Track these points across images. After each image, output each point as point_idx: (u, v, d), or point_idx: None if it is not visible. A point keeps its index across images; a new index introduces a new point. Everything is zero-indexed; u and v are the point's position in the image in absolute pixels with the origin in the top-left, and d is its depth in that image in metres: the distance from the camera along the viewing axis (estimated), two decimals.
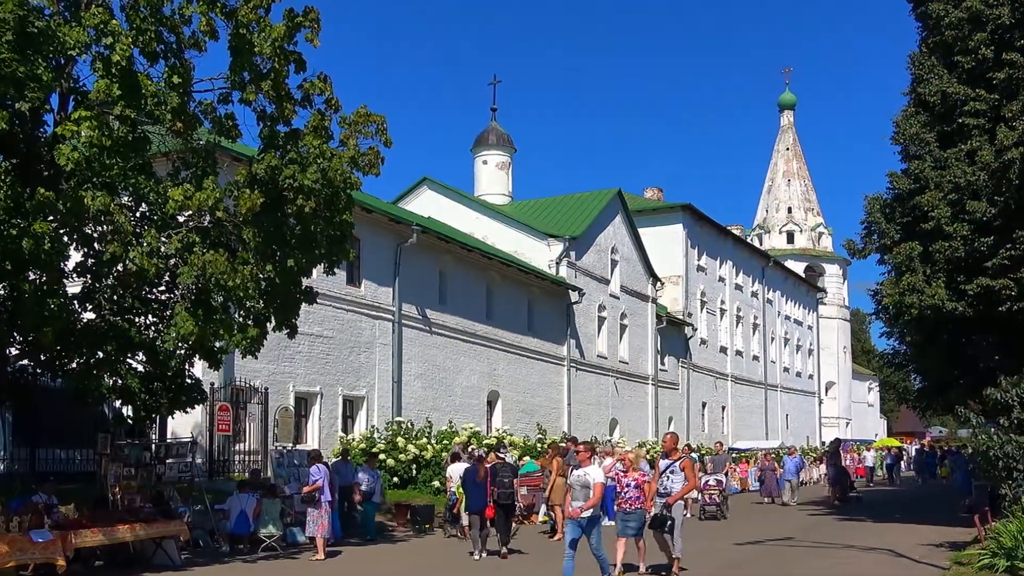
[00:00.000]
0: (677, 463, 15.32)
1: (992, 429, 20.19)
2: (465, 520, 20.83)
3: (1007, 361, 25.63)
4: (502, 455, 24.14)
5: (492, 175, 47.89)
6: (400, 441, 27.41)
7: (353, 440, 27.49)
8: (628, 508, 14.84)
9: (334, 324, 28.18)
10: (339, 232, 17.06)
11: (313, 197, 15.95)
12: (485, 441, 30.26)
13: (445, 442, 28.96)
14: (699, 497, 28.89)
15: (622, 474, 15.05)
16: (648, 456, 30.12)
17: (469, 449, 25.20)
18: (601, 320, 43.98)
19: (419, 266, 31.91)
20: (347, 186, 16.51)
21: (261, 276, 16.04)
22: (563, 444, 26.39)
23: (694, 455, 30.89)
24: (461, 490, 20.58)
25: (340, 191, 16.40)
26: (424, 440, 28.28)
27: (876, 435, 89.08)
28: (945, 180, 26.27)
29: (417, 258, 31.70)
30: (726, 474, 31.07)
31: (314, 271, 18.32)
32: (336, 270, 19.65)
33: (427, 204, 43.10)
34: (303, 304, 17.79)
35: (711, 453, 32.82)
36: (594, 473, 14.16)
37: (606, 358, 44.19)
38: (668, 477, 15.28)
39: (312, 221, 16.34)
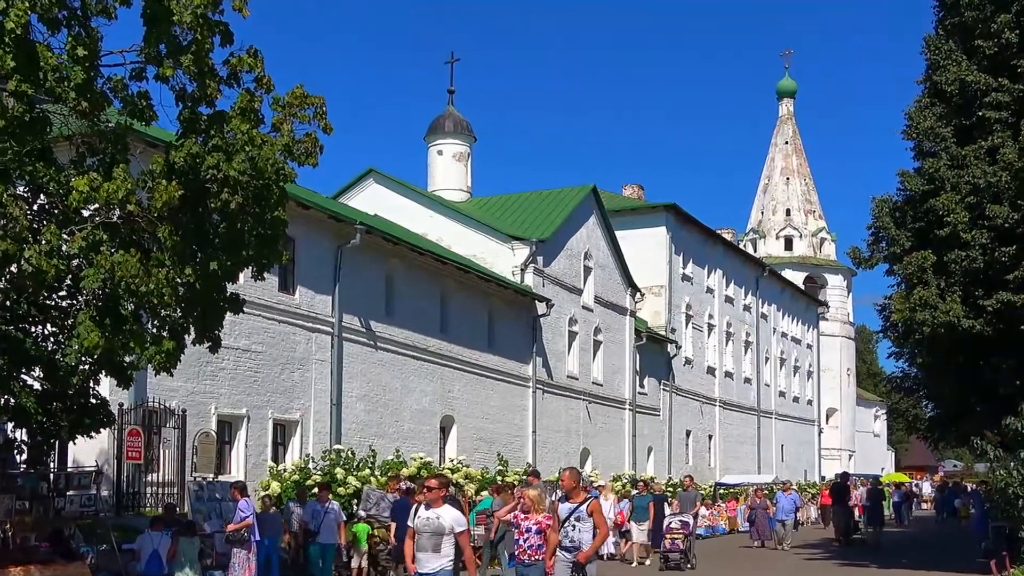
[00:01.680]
0: (583, 507, 13.84)
1: (1012, 463, 20.40)
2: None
3: None
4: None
5: (448, 167, 47.87)
6: (339, 472, 27.22)
7: (284, 471, 27.28)
8: (528, 559, 13.63)
9: (264, 337, 28.00)
10: (270, 231, 16.87)
11: (240, 190, 15.76)
12: (436, 471, 30.11)
13: (391, 473, 28.82)
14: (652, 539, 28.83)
15: (522, 517, 13.90)
16: (616, 491, 30.26)
17: (404, 484, 25.05)
18: (572, 335, 44.02)
19: (363, 271, 31.78)
20: (280, 178, 16.35)
21: (179, 281, 15.85)
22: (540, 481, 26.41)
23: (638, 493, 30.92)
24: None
25: (272, 183, 16.24)
26: (367, 471, 28.12)
27: (883, 469, 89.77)
28: (963, 181, 26.55)
29: (361, 262, 31.58)
30: (695, 515, 31.08)
31: (241, 276, 18.14)
32: (267, 275, 19.48)
33: (373, 200, 42.99)
34: (228, 314, 17.57)
35: (676, 490, 32.80)
36: (449, 517, 12.01)
37: (577, 379, 44.23)
38: (573, 526, 13.79)
39: (239, 218, 16.15)
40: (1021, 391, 26.19)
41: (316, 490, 24.14)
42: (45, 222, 15.76)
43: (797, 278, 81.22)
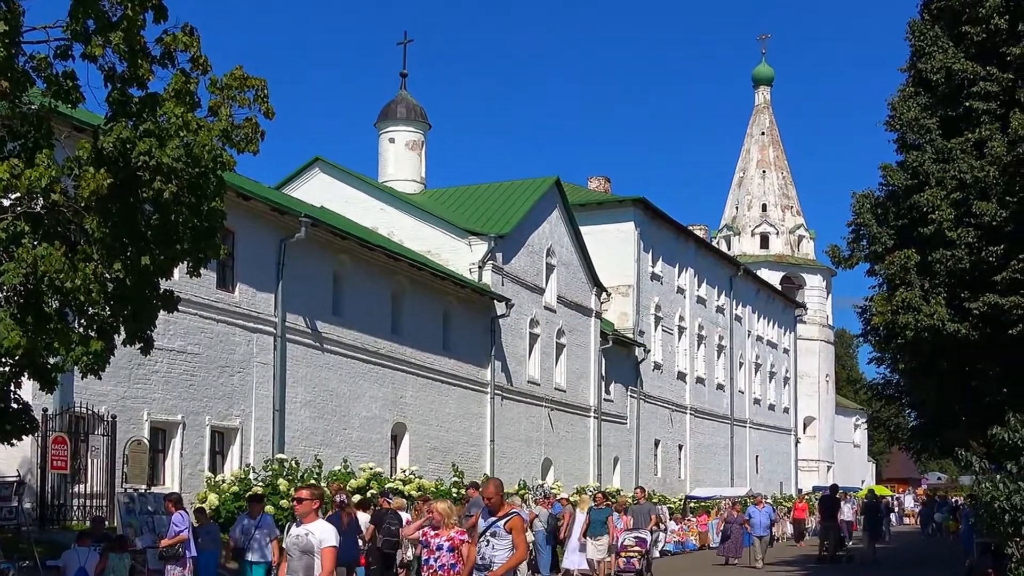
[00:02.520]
0: (502, 523, 13.14)
1: (998, 476, 20.53)
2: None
3: (1017, 395, 26.11)
4: (389, 500, 25.12)
5: (401, 156, 47.78)
6: (282, 484, 27.15)
7: (223, 481, 27.17)
8: None
9: (201, 338, 27.85)
10: (207, 223, 16.78)
11: (175, 179, 15.67)
12: (388, 485, 30.10)
13: (339, 485, 28.72)
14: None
15: (432, 534, 13.48)
16: (575, 502, 30.15)
17: (339, 497, 24.59)
18: (533, 338, 44.05)
19: (308, 267, 31.67)
20: (218, 166, 16.25)
21: (108, 276, 15.73)
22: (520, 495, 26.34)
23: (571, 507, 30.89)
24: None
25: (209, 172, 16.14)
26: (312, 482, 28.01)
27: (863, 482, 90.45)
28: (948, 175, 26.73)
29: (306, 257, 31.46)
30: (651, 530, 31.13)
31: (176, 271, 18.00)
32: (203, 271, 19.39)
33: (320, 190, 42.85)
34: (161, 312, 17.46)
35: (628, 503, 32.68)
36: (320, 532, 11.49)
37: (539, 384, 44.26)
38: (488, 542, 13.12)
39: (173, 209, 16.05)
40: (1008, 399, 26.39)
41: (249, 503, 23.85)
42: None
43: (773, 278, 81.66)
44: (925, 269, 27.04)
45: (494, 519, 13.28)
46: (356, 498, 25.89)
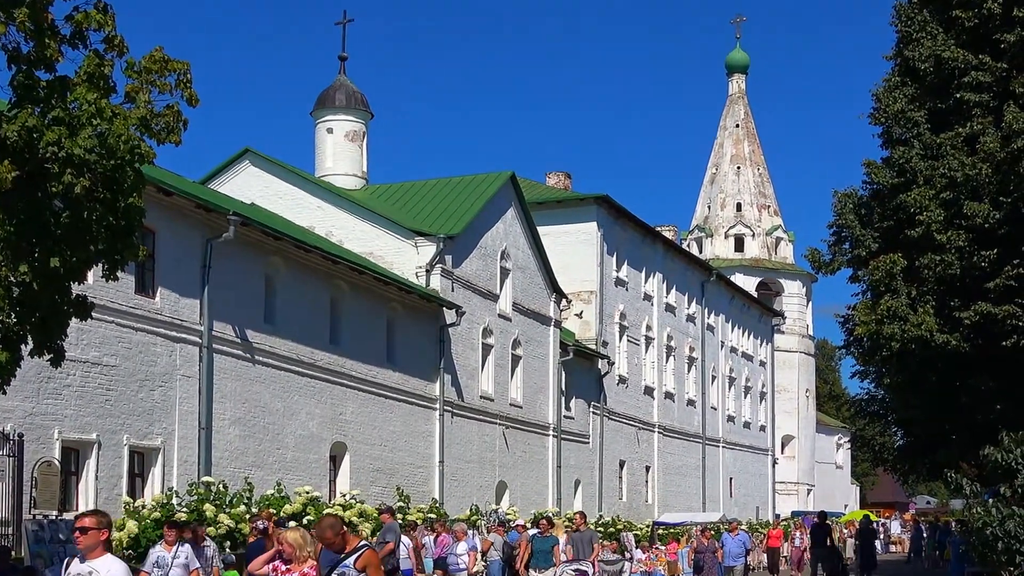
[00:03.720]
0: (351, 559, 12.39)
1: (990, 500, 20.69)
2: None
3: (1011, 412, 26.36)
4: (259, 527, 24.43)
5: (340, 148, 47.62)
6: (209, 509, 27.00)
7: (143, 507, 26.96)
8: None
9: (118, 348, 27.64)
10: (124, 221, 16.66)
11: (87, 172, 15.54)
12: (327, 510, 29.95)
13: (272, 510, 28.52)
14: None
15: (283, 569, 13.06)
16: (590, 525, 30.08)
17: (261, 523, 24.28)
18: (486, 349, 44.00)
19: (237, 271, 31.50)
20: (136, 158, 16.14)
21: (12, 280, 15.59)
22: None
23: (472, 535, 30.81)
24: None
25: (126, 165, 16.02)
26: (243, 507, 27.90)
27: (846, 506, 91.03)
28: (938, 173, 26.97)
29: (235, 260, 31.29)
30: (593, 561, 31.08)
31: (89, 274, 17.92)
32: (120, 274, 19.18)
33: (250, 185, 42.67)
34: (73, 320, 17.32)
35: (566, 530, 32.58)
36: (108, 571, 10.20)
37: (492, 400, 44.22)
38: None
39: (86, 205, 15.91)
40: (1002, 417, 26.65)
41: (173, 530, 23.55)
42: None
43: (749, 284, 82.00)
44: (912, 275, 27.27)
45: (341, 558, 12.37)
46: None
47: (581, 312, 52.76)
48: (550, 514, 37.34)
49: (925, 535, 56.66)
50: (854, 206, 29.52)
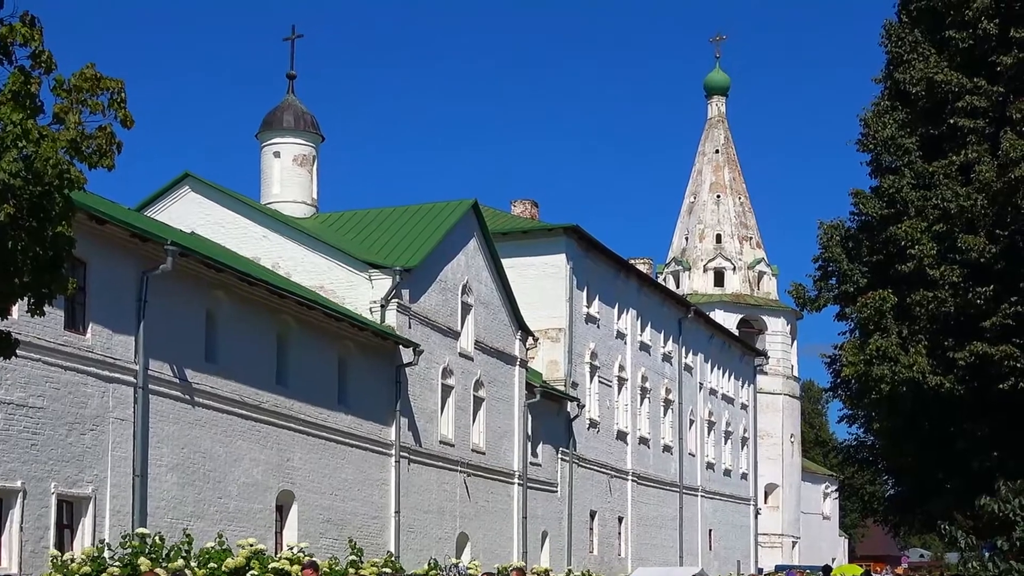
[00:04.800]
0: None
1: (987, 554, 20.74)
2: None
3: (1009, 460, 26.46)
4: None
5: (288, 173, 47.51)
6: (144, 563, 26.86)
7: (72, 561, 26.78)
8: None
9: (45, 388, 27.49)
10: (52, 252, 16.58)
11: (12, 198, 15.46)
12: (272, 564, 29.81)
13: (212, 565, 28.37)
14: None
15: None
16: None
17: None
18: (446, 390, 43.90)
19: (176, 305, 31.40)
20: (65, 183, 16.07)
21: None
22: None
23: None
24: None
25: (54, 190, 15.95)
26: (180, 562, 27.75)
27: (834, 560, 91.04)
28: (930, 204, 27.15)
29: (173, 293, 31.19)
30: None
31: (14, 309, 17.76)
32: (48, 308, 19.09)
33: (190, 213, 42.49)
34: None
35: None
36: None
37: (453, 446, 44.10)
38: None
39: (10, 234, 15.83)
40: (999, 465, 26.75)
41: None
42: None
43: (730, 321, 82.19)
44: (903, 313, 27.40)
45: None
46: None
47: (536, 340, 52.73)
48: (520, 566, 37.39)
49: None
50: (841, 239, 29.67)
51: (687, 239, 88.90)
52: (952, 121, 27.35)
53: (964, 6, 27.24)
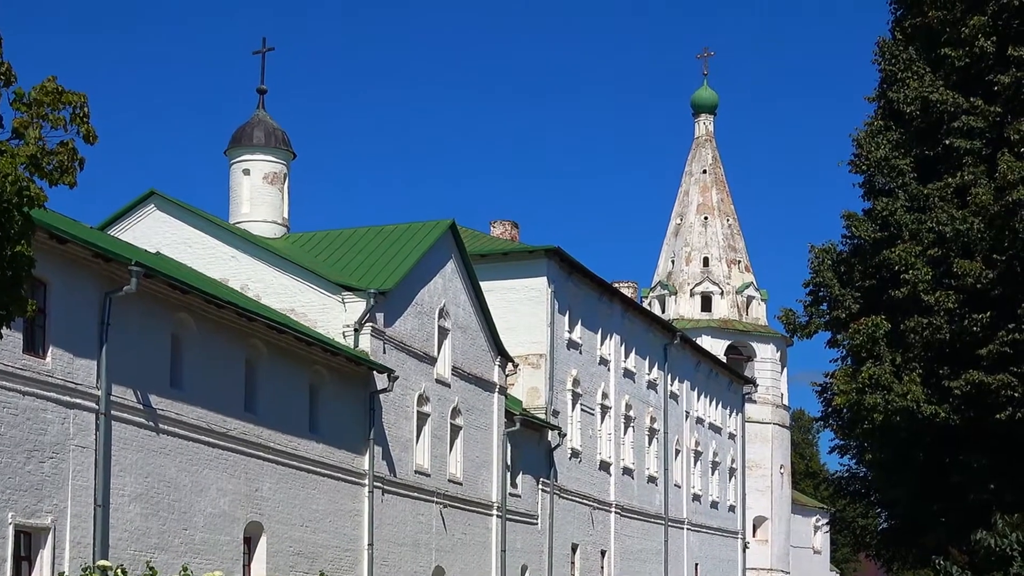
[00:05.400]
0: None
1: None
2: None
3: (1006, 492, 26.49)
4: None
5: (258, 191, 47.37)
6: None
7: None
8: None
9: (2, 414, 27.40)
10: (11, 272, 16.57)
11: None
12: None
13: None
14: None
15: None
16: None
17: None
18: (422, 418, 43.82)
19: (140, 328, 31.32)
20: (24, 201, 16.06)
21: None
22: None
23: None
24: None
25: (13, 208, 15.94)
26: None
27: None
28: (925, 228, 27.24)
29: (137, 316, 31.12)
30: None
31: None
32: (6, 330, 19.06)
33: (155, 232, 42.40)
34: None
35: None
36: None
37: (429, 475, 43.99)
38: None
39: None
40: (996, 497, 26.79)
41: None
42: None
43: (717, 347, 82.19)
44: (897, 340, 27.46)
45: None
46: None
47: (516, 366, 52.69)
48: None
49: None
50: (833, 263, 29.76)
51: (673, 262, 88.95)
52: (948, 142, 27.48)
53: (960, 23, 27.38)
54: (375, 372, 40.38)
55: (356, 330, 40.45)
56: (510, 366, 50.26)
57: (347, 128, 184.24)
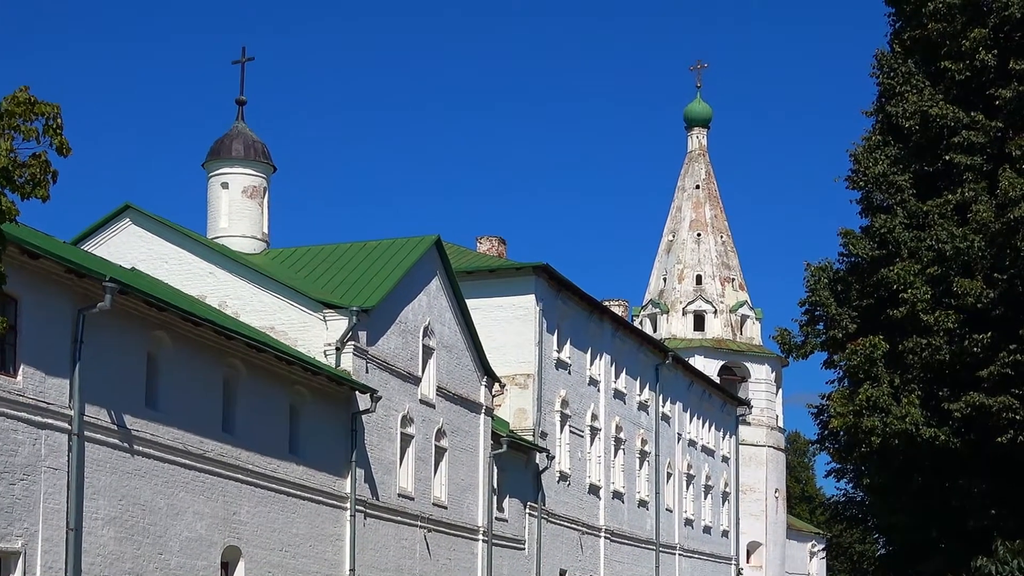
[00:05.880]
0: None
1: None
2: None
3: (1008, 518, 26.47)
4: None
5: (237, 206, 47.33)
6: None
7: None
8: None
9: None
10: None
11: None
12: None
13: None
14: None
15: None
16: None
17: None
18: (406, 440, 43.76)
19: (115, 346, 31.26)
20: None
21: None
22: None
23: None
24: None
25: None
26: None
27: None
28: (924, 245, 27.25)
29: (112, 333, 31.05)
30: None
31: None
32: None
33: (131, 247, 42.39)
34: None
35: None
36: None
37: (412, 499, 43.93)
38: None
39: None
40: (997, 523, 26.78)
41: None
42: None
43: (710, 368, 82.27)
44: (895, 361, 27.46)
45: None
46: None
47: (503, 387, 52.63)
48: None
49: None
50: (829, 281, 29.76)
51: (665, 280, 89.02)
52: (948, 157, 27.52)
53: (961, 36, 27.43)
54: (357, 392, 40.33)
55: (338, 349, 40.42)
56: (497, 386, 50.22)
57: (329, 140, 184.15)
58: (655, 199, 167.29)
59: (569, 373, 56.61)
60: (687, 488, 71.62)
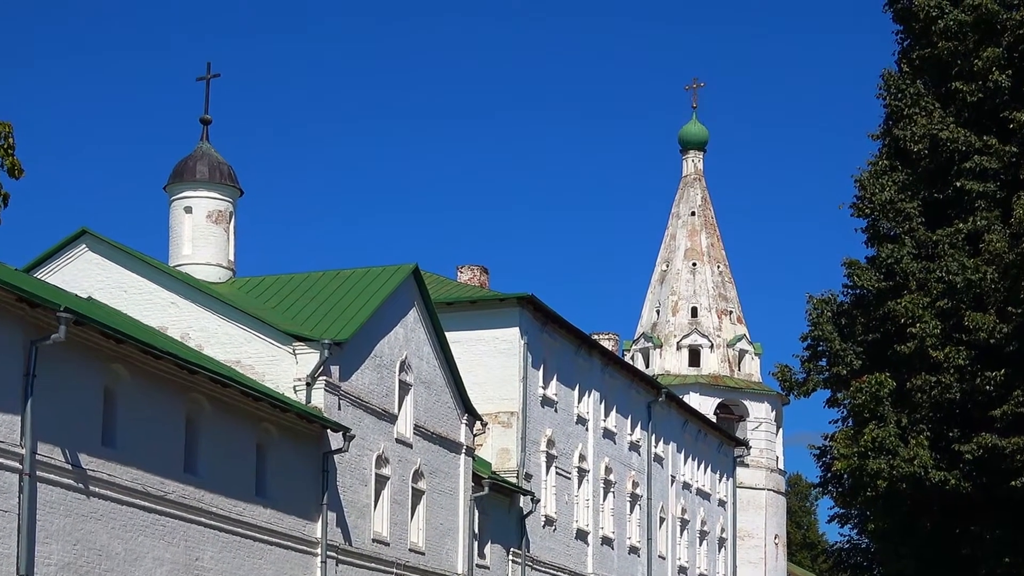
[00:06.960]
0: None
1: None
2: None
3: (1021, 565, 26.49)
4: None
5: (201, 231, 47.27)
6: None
7: None
8: None
9: None
10: None
11: None
12: None
13: None
14: None
15: None
16: None
17: None
18: (381, 481, 43.69)
19: (70, 381, 31.22)
20: None
21: None
22: None
23: None
24: None
25: None
26: None
27: None
28: (933, 277, 27.30)
29: (66, 367, 31.02)
30: None
31: None
32: None
33: (87, 275, 42.32)
34: None
35: None
36: None
37: (388, 544, 43.86)
38: None
39: None
40: (1010, 571, 26.78)
41: None
42: None
43: (706, 406, 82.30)
44: (902, 399, 27.49)
45: None
46: None
47: (485, 425, 52.58)
48: None
49: None
50: (833, 314, 29.81)
51: (658, 312, 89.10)
52: (959, 184, 27.59)
53: (973, 55, 27.51)
54: (329, 430, 40.27)
55: (308, 384, 40.37)
56: (478, 425, 50.16)
57: (300, 163, 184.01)
58: (648, 226, 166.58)
59: (555, 411, 56.58)
60: (681, 534, 71.51)
